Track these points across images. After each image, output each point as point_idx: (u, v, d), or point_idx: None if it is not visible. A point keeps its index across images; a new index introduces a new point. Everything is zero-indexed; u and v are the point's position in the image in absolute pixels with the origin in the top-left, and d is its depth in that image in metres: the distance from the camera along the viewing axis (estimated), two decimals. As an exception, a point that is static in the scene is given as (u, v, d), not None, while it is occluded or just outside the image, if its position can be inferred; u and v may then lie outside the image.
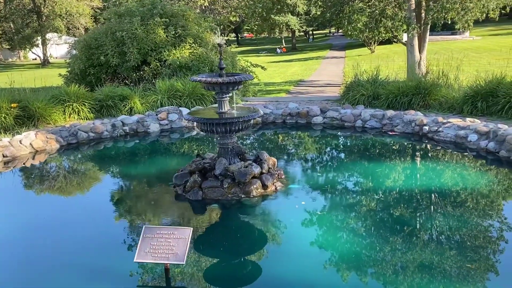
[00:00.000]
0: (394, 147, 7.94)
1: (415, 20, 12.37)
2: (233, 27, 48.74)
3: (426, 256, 3.94)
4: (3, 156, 7.56)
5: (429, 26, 13.05)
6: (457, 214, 4.86)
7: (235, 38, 59.06)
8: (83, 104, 10.21)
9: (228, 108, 5.76)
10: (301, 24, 42.62)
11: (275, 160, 6.21)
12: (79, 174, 7.20)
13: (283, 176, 6.09)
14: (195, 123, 5.92)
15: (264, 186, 5.58)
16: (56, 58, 45.94)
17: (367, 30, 13.63)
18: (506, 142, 6.64)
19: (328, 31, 67.68)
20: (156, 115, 9.82)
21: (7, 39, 41.60)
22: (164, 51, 12.49)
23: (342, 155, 7.78)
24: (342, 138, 8.73)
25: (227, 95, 5.68)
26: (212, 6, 32.40)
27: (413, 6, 12.43)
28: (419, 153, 7.60)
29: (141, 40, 12.29)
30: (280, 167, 6.43)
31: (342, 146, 8.30)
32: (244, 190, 5.46)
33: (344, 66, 22.85)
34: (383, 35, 14.49)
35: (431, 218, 4.82)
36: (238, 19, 43.82)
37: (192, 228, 3.88)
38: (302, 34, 54.38)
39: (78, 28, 40.04)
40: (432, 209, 5.09)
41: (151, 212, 5.38)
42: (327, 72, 20.42)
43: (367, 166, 6.81)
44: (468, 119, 8.06)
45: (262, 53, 39.81)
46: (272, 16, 40.06)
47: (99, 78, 13.03)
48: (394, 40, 16.00)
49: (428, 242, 4.26)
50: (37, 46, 40.61)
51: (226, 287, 3.72)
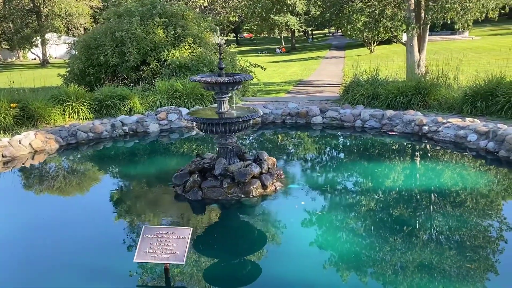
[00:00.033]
0: (393, 147, 7.94)
1: (414, 20, 12.38)
2: (232, 27, 48.77)
3: (425, 256, 3.94)
4: (2, 156, 7.55)
5: (428, 26, 13.05)
6: (456, 214, 4.86)
7: (235, 38, 59.04)
8: (83, 104, 10.21)
9: (228, 108, 5.76)
10: (300, 24, 42.61)
11: (275, 160, 6.21)
12: (78, 174, 7.20)
13: (282, 176, 6.09)
14: (195, 123, 5.92)
15: (264, 186, 5.58)
16: (55, 58, 45.88)
17: (366, 30, 13.63)
18: (506, 142, 6.65)
19: (327, 31, 67.66)
20: (156, 115, 9.81)
21: (6, 39, 41.55)
22: (164, 51, 12.49)
23: (342, 155, 7.78)
24: (341, 138, 8.73)
25: (227, 95, 5.69)
26: (212, 6, 32.38)
27: (412, 6, 12.43)
28: (418, 153, 7.61)
29: (140, 40, 12.29)
30: (280, 167, 6.43)
31: (341, 146, 8.31)
32: (243, 190, 5.46)
33: (343, 66, 22.85)
34: (383, 35, 14.51)
35: (431, 218, 4.82)
36: (237, 19, 43.81)
37: (191, 228, 3.89)
38: (302, 34, 54.35)
39: (78, 28, 39.98)
40: (431, 209, 5.09)
41: (151, 212, 5.38)
42: (326, 72, 20.42)
43: (367, 166, 6.82)
44: (467, 119, 8.06)
45: (261, 53, 39.80)
46: (271, 16, 40.06)
47: (98, 78, 13.03)
48: (394, 40, 16.01)
49: (428, 242, 4.26)
50: (36, 46, 40.56)
51: (225, 287, 3.72)
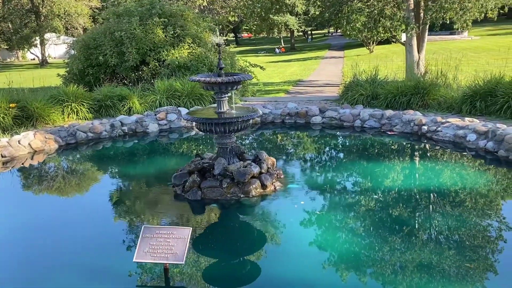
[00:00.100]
0: (393, 146, 7.95)
1: (413, 20, 12.38)
2: (231, 27, 48.68)
3: (425, 256, 3.95)
4: (2, 157, 7.55)
5: (427, 26, 13.06)
6: (455, 214, 4.87)
7: (234, 38, 59.02)
8: (82, 104, 10.20)
9: (227, 108, 5.76)
10: (299, 24, 42.59)
11: (274, 160, 6.22)
12: (78, 174, 7.20)
13: (282, 176, 6.10)
14: (194, 123, 5.92)
15: (263, 186, 5.58)
16: (54, 58, 45.80)
17: (365, 30, 13.63)
18: (505, 142, 6.66)
19: (327, 31, 67.65)
20: (155, 115, 9.81)
21: (5, 39, 41.47)
22: (163, 51, 12.48)
23: (341, 155, 7.79)
24: (341, 138, 8.74)
25: (226, 95, 5.69)
26: (211, 6, 32.34)
27: (411, 6, 12.44)
28: (418, 152, 7.61)
29: (139, 40, 12.28)
30: (279, 167, 6.44)
31: (341, 146, 8.32)
32: (243, 190, 5.46)
33: (343, 66, 22.85)
34: (382, 35, 14.50)
35: (430, 218, 4.82)
36: (236, 19, 43.73)
37: (191, 228, 3.89)
38: (301, 34, 54.32)
39: (77, 28, 39.91)
40: (431, 208, 5.10)
41: (150, 212, 5.38)
42: (326, 72, 20.43)
43: (366, 166, 6.82)
44: (466, 118, 8.07)
45: (261, 53, 39.79)
46: (270, 16, 40.03)
47: (97, 78, 13.02)
48: (393, 40, 16.00)
49: (427, 241, 4.27)
50: (35, 46, 40.53)
51: (225, 287, 3.72)
